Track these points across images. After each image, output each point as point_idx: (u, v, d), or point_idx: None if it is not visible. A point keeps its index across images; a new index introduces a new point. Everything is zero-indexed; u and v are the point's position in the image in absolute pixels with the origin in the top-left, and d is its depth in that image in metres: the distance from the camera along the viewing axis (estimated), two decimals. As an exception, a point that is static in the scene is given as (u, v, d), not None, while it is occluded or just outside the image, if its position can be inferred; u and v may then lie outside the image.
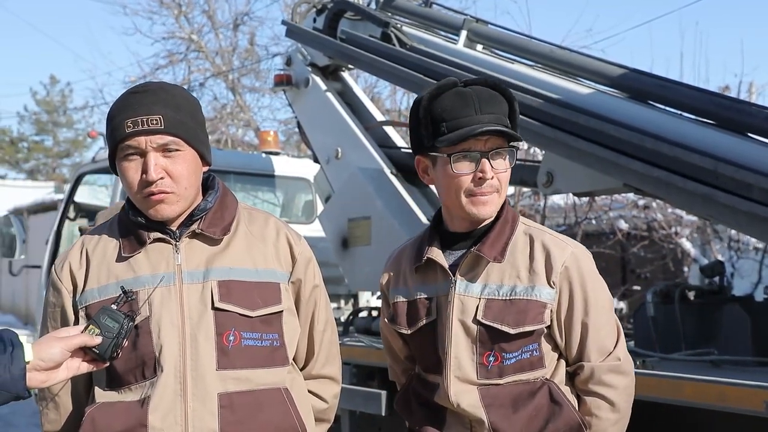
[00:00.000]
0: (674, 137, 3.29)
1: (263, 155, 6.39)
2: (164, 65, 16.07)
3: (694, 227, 10.00)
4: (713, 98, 3.50)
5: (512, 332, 1.89)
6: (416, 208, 4.59)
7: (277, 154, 6.46)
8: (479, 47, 4.62)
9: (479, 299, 1.92)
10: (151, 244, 1.88)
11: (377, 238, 4.50)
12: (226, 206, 1.95)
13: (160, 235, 1.88)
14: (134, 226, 1.90)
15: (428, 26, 4.98)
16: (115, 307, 1.76)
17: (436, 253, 1.98)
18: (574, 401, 1.93)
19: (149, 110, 1.80)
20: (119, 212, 1.98)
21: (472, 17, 4.72)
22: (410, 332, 2.03)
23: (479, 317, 1.91)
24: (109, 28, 60.49)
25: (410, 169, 4.81)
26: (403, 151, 5.01)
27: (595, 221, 10.20)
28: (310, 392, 2.05)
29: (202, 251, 1.89)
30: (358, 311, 4.86)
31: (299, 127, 5.82)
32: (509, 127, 1.93)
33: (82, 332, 1.71)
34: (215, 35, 16.12)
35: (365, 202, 4.62)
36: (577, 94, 3.79)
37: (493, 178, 1.90)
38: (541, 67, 4.23)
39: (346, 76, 5.57)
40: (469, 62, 4.29)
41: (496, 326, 1.89)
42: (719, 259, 8.02)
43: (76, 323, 1.86)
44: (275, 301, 1.90)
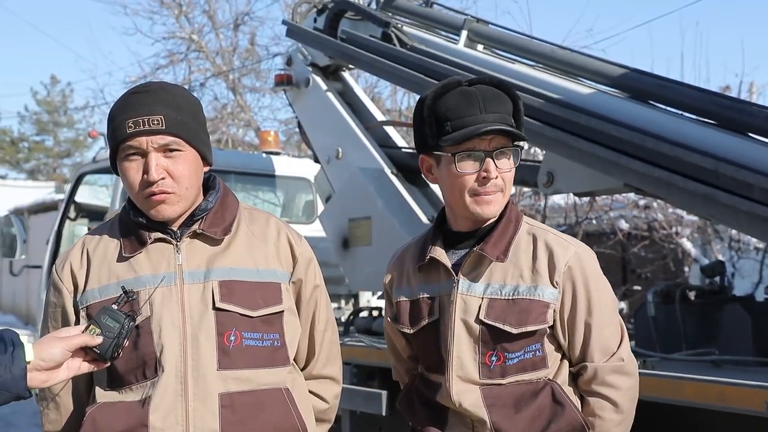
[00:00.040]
0: (675, 137, 3.29)
1: (264, 155, 6.39)
2: (165, 65, 16.11)
3: (694, 227, 10.00)
4: (714, 98, 3.50)
5: (514, 332, 1.88)
6: (417, 208, 4.59)
7: (277, 154, 6.46)
8: (480, 47, 4.62)
9: (482, 299, 1.91)
10: (152, 244, 1.88)
11: (378, 238, 4.50)
12: (227, 206, 1.95)
13: (161, 235, 1.88)
14: (135, 226, 1.90)
15: (429, 26, 4.97)
16: (115, 307, 1.76)
17: (439, 252, 1.97)
18: (577, 402, 1.92)
19: (150, 110, 1.80)
20: (120, 212, 1.98)
21: (472, 17, 4.72)
22: (413, 331, 2.02)
23: (482, 317, 1.90)
24: (109, 28, 60.73)
25: (411, 169, 4.82)
26: (403, 151, 5.01)
27: (595, 221, 10.19)
28: (310, 392, 2.05)
29: (203, 251, 1.88)
30: (358, 311, 4.86)
31: (300, 127, 5.83)
32: (514, 126, 1.92)
33: (82, 332, 1.71)
34: (216, 35, 16.15)
35: (366, 202, 4.62)
36: (577, 94, 3.79)
37: (497, 177, 1.89)
38: (541, 67, 4.23)
39: (346, 76, 5.57)
40: (469, 62, 4.29)
41: (498, 326, 1.89)
42: (720, 259, 8.01)
43: (76, 323, 1.86)
44: (276, 301, 1.90)
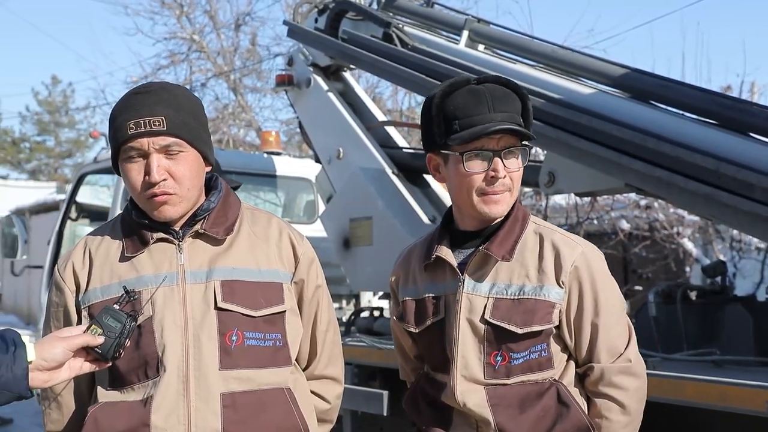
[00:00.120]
0: (676, 137, 3.29)
1: (265, 155, 6.39)
2: (166, 65, 16.11)
3: (696, 227, 9.99)
4: (715, 98, 3.50)
5: (520, 332, 1.86)
6: (418, 208, 4.59)
7: (278, 154, 6.46)
8: (481, 47, 4.62)
9: (487, 298, 1.90)
10: (154, 244, 1.88)
11: (379, 238, 4.50)
12: (229, 206, 1.95)
13: (163, 235, 1.88)
14: (137, 226, 1.90)
15: (430, 26, 4.97)
16: (117, 306, 1.76)
17: (445, 251, 1.97)
18: (582, 403, 1.91)
19: (151, 111, 1.80)
20: (122, 212, 1.98)
21: (473, 17, 4.72)
22: (418, 331, 2.02)
23: (487, 316, 1.89)
24: (110, 28, 60.77)
25: (412, 169, 4.82)
26: (404, 151, 5.01)
27: (596, 221, 10.19)
28: (312, 392, 2.05)
29: (205, 251, 1.89)
30: (359, 311, 4.87)
31: (301, 127, 5.83)
32: (522, 125, 1.91)
33: (84, 332, 1.71)
34: (217, 35, 16.15)
35: (367, 202, 4.62)
36: (579, 94, 3.79)
37: (505, 177, 1.88)
38: (543, 67, 4.23)
39: (347, 76, 5.57)
40: (470, 62, 4.29)
41: (503, 326, 1.87)
42: (721, 259, 8.01)
43: (78, 323, 1.86)
44: (278, 301, 1.90)
